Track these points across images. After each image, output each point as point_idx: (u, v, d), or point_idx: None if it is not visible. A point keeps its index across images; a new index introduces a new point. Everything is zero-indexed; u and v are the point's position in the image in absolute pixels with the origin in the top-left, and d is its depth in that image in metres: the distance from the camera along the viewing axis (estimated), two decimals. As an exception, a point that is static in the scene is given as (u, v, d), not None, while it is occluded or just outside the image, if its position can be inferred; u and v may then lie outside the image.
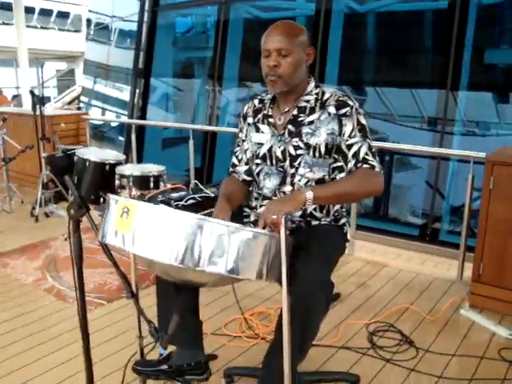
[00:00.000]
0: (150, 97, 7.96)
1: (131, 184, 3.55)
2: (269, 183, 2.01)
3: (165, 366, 1.92)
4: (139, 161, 6.10)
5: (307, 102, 1.94)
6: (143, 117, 7.64)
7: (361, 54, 6.30)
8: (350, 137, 1.86)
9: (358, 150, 1.85)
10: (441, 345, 2.67)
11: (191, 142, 5.14)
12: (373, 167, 1.85)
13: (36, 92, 5.09)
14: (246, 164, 2.13)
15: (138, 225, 1.38)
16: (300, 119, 1.93)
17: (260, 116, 2.06)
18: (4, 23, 15.83)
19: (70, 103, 15.08)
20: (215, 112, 7.07)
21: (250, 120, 2.10)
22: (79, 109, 12.59)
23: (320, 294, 1.71)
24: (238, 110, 7.28)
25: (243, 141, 2.13)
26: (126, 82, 10.17)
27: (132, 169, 3.73)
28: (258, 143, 2.03)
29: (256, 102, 2.12)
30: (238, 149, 2.17)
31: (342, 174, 1.91)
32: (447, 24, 5.20)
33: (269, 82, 1.90)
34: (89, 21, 11.91)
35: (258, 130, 2.05)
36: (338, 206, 2.03)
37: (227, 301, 3.06)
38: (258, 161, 2.04)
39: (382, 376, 2.41)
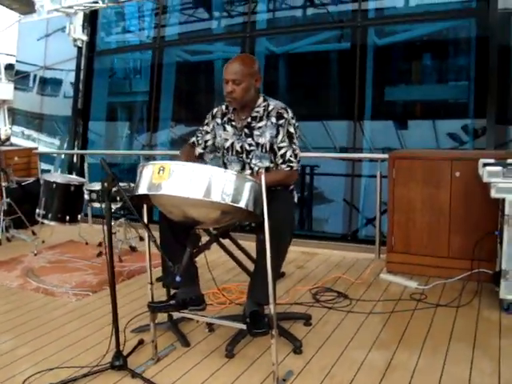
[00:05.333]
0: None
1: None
2: (233, 169, 2.80)
3: (172, 302, 2.56)
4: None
5: (257, 112, 2.78)
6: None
7: (278, 91, 7.29)
8: (281, 141, 2.73)
9: (285, 152, 2.73)
10: (368, 296, 3.49)
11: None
12: (292, 167, 2.72)
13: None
14: (202, 149, 2.96)
15: (173, 176, 2.10)
16: (252, 125, 2.78)
17: (226, 119, 2.88)
18: None
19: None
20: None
21: (218, 120, 2.91)
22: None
23: (286, 225, 2.56)
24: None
25: (207, 132, 2.95)
26: (51, 130, 10.62)
27: (98, 186, 4.39)
28: (225, 138, 2.85)
29: (223, 107, 2.93)
30: (199, 135, 2.98)
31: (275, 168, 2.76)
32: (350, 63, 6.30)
33: (227, 101, 2.78)
34: (15, 69, 12.10)
35: (224, 129, 2.86)
36: None
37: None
38: (225, 151, 2.87)
39: (326, 317, 3.17)
